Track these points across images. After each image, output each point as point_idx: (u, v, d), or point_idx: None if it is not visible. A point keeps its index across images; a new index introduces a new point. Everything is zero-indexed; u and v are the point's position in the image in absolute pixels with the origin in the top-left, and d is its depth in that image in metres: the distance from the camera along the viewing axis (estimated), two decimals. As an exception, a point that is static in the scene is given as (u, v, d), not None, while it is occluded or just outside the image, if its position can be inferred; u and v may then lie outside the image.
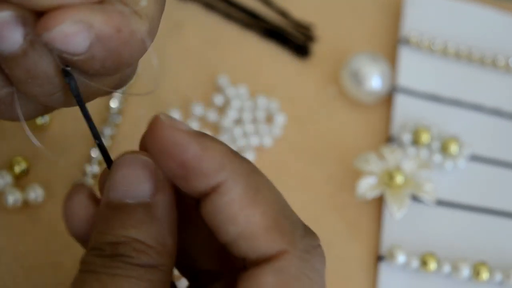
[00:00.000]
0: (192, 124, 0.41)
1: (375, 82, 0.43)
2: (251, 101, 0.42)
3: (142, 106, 0.41)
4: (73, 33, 0.21)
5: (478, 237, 0.40)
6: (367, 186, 0.40)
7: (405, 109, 0.43)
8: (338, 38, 0.46)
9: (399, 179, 0.40)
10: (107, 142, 0.39)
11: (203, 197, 0.23)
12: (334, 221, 0.40)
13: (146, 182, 0.23)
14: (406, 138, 0.42)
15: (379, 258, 0.39)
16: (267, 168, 0.41)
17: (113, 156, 0.25)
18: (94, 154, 0.38)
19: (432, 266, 0.38)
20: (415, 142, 0.42)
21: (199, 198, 0.23)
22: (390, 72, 0.44)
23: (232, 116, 0.41)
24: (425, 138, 0.42)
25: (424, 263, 0.38)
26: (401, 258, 0.38)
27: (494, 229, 0.41)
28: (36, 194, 0.36)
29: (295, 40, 0.45)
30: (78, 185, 0.25)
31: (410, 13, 0.46)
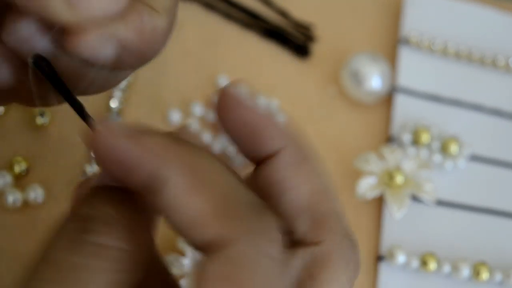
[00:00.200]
0: (192, 124, 0.41)
1: (375, 82, 0.43)
2: (251, 101, 0.42)
3: (142, 106, 0.41)
4: (99, 46, 0.23)
5: (478, 237, 0.40)
6: (367, 186, 0.40)
7: (405, 109, 0.43)
8: (338, 38, 0.46)
9: (399, 179, 0.40)
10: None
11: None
12: (334, 221, 0.40)
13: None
14: (406, 138, 0.42)
15: (379, 258, 0.39)
16: (267, 168, 0.41)
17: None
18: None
19: (432, 266, 0.38)
20: (415, 142, 0.42)
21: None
22: (390, 72, 0.44)
23: (232, 116, 0.41)
24: (425, 138, 0.42)
25: (424, 263, 0.38)
26: (401, 258, 0.38)
27: (494, 229, 0.41)
28: (36, 194, 0.36)
29: (295, 40, 0.45)
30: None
31: (410, 13, 0.46)
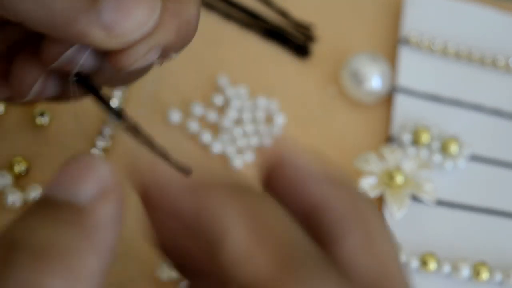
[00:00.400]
0: (192, 124, 0.41)
1: (375, 82, 0.43)
2: (251, 101, 0.42)
3: (142, 106, 0.41)
4: (143, 58, 0.24)
5: (478, 237, 0.40)
6: (367, 186, 0.40)
7: (405, 109, 0.43)
8: (338, 38, 0.46)
9: (399, 179, 0.40)
10: (107, 143, 0.39)
11: None
12: (334, 221, 0.40)
13: (88, 182, 0.20)
14: (406, 138, 0.42)
15: (379, 258, 0.39)
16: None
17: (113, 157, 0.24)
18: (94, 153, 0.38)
19: (432, 266, 0.38)
20: (415, 142, 0.42)
21: None
22: (390, 72, 0.44)
23: (232, 116, 0.41)
24: (425, 138, 0.42)
25: (424, 263, 0.38)
26: (401, 258, 0.38)
27: (494, 229, 0.41)
28: (36, 194, 0.36)
29: (295, 40, 0.45)
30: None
31: (410, 13, 0.46)
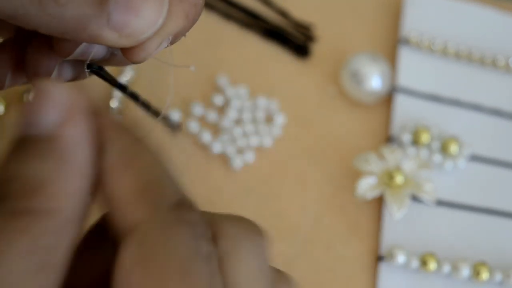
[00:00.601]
0: (192, 124, 0.41)
1: (375, 82, 0.43)
2: (251, 101, 0.42)
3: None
4: (156, 49, 0.25)
5: (478, 237, 0.40)
6: (367, 186, 0.40)
7: (405, 109, 0.43)
8: (338, 38, 0.46)
9: (399, 179, 0.40)
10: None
11: None
12: (334, 221, 0.40)
13: (53, 110, 0.21)
14: (406, 138, 0.42)
15: (379, 258, 0.39)
16: (267, 168, 0.41)
17: None
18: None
19: (432, 266, 0.38)
20: (415, 142, 0.42)
21: None
22: (390, 72, 0.44)
23: (232, 116, 0.41)
24: (425, 138, 0.42)
25: (424, 263, 0.38)
26: (401, 258, 0.38)
27: (494, 229, 0.41)
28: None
29: (295, 40, 0.45)
30: None
31: (410, 13, 0.46)
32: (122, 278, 0.20)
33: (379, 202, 0.41)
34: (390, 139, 0.42)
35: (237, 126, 0.42)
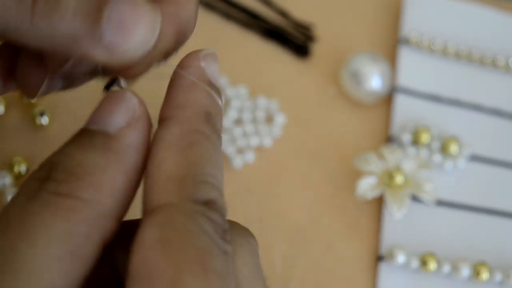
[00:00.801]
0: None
1: (375, 82, 0.43)
2: (251, 101, 0.42)
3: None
4: (148, 69, 0.25)
5: (478, 237, 0.40)
6: (367, 186, 0.40)
7: (405, 109, 0.43)
8: (338, 38, 0.46)
9: (399, 179, 0.40)
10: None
11: None
12: (334, 221, 0.40)
13: (118, 114, 0.22)
14: (406, 138, 0.42)
15: (379, 258, 0.39)
16: (267, 168, 0.41)
17: None
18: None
19: (432, 266, 0.38)
20: (415, 142, 0.42)
21: None
22: (390, 72, 0.44)
23: (232, 116, 0.41)
24: (425, 138, 0.42)
25: (424, 263, 0.38)
26: (401, 258, 0.38)
27: (494, 229, 0.41)
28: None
29: (295, 40, 0.45)
30: None
31: (410, 13, 0.46)
32: (141, 254, 0.20)
33: (379, 202, 0.41)
34: (390, 139, 0.42)
35: (237, 126, 0.42)
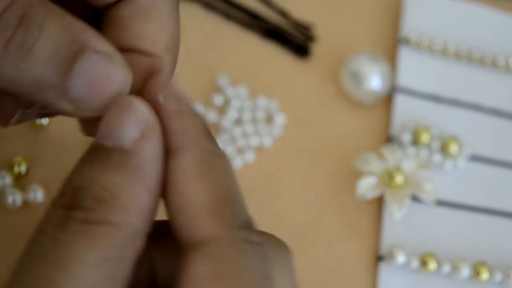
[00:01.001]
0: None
1: (375, 82, 0.43)
2: (251, 101, 0.42)
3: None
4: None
5: (478, 237, 0.40)
6: (367, 186, 0.40)
7: (405, 109, 0.43)
8: (338, 38, 0.46)
9: (399, 179, 0.40)
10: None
11: None
12: (334, 221, 0.40)
13: (130, 126, 0.22)
14: (406, 138, 0.42)
15: (379, 258, 0.39)
16: (267, 168, 0.41)
17: None
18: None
19: (432, 266, 0.38)
20: (415, 142, 0.42)
21: None
22: (390, 72, 0.44)
23: (232, 116, 0.41)
24: (425, 138, 0.42)
25: (424, 263, 0.38)
26: (401, 258, 0.38)
27: (494, 229, 0.41)
28: (36, 194, 0.36)
29: (295, 40, 0.45)
30: None
31: (410, 13, 0.46)
32: None
33: (379, 202, 0.41)
34: (390, 139, 0.42)
35: (237, 126, 0.42)
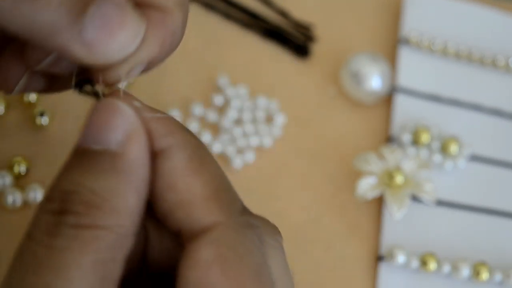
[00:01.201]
0: (192, 124, 0.41)
1: (375, 82, 0.43)
2: (251, 101, 0.42)
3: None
4: (128, 74, 0.23)
5: (478, 237, 0.40)
6: (367, 186, 0.40)
7: (405, 109, 0.43)
8: (338, 38, 0.46)
9: (399, 179, 0.40)
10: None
11: None
12: (334, 221, 0.40)
13: (117, 128, 0.22)
14: (406, 138, 0.42)
15: (379, 258, 0.39)
16: (267, 168, 0.41)
17: None
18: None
19: (432, 266, 0.38)
20: (415, 142, 0.42)
21: None
22: (390, 72, 0.44)
23: (232, 116, 0.41)
24: (425, 138, 0.42)
25: (424, 263, 0.38)
26: (401, 258, 0.38)
27: (494, 229, 0.41)
28: (36, 194, 0.36)
29: (295, 40, 0.45)
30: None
31: (410, 13, 0.46)
32: (198, 274, 0.21)
33: (379, 202, 0.41)
34: (390, 139, 0.42)
35: (237, 126, 0.42)
